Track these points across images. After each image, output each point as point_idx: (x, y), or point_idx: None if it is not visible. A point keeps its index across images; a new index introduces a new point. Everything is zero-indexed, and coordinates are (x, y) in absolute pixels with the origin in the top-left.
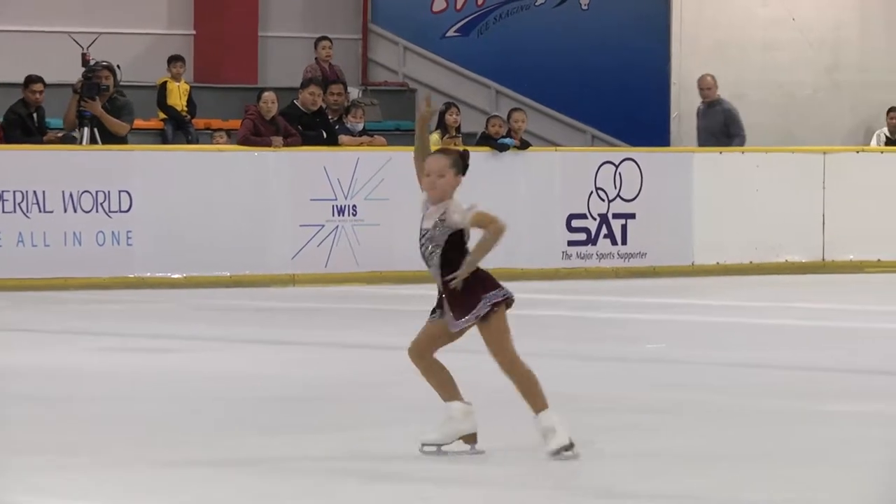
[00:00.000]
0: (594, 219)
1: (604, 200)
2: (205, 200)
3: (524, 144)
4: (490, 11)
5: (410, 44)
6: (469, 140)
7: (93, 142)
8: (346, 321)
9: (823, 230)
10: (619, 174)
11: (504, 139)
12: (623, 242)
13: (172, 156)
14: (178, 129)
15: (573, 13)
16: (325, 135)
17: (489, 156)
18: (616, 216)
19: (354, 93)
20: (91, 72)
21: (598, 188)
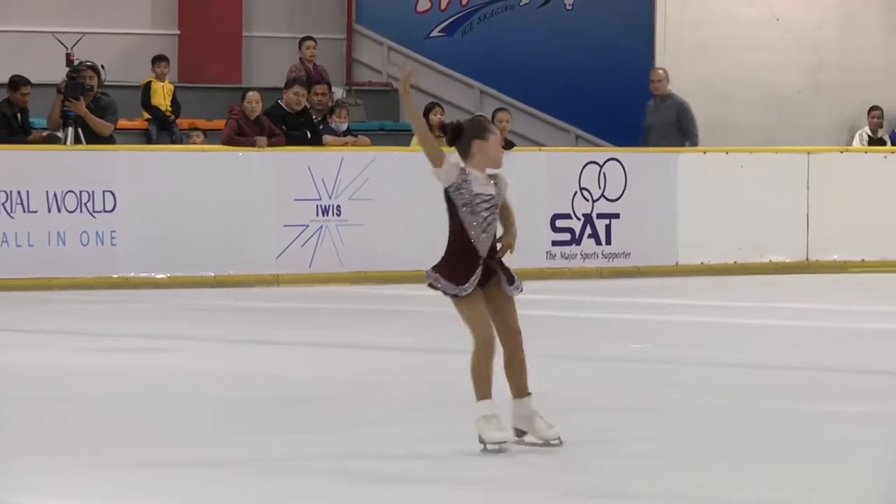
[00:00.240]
0: (578, 219)
1: (588, 200)
2: (189, 200)
3: (508, 144)
4: (474, 11)
5: (395, 44)
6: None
7: (77, 142)
8: (332, 321)
9: (807, 230)
10: (604, 174)
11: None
12: (607, 242)
13: (156, 156)
14: (163, 129)
15: (557, 13)
16: (310, 135)
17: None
18: (600, 216)
19: (339, 93)
20: (75, 72)
21: (583, 188)
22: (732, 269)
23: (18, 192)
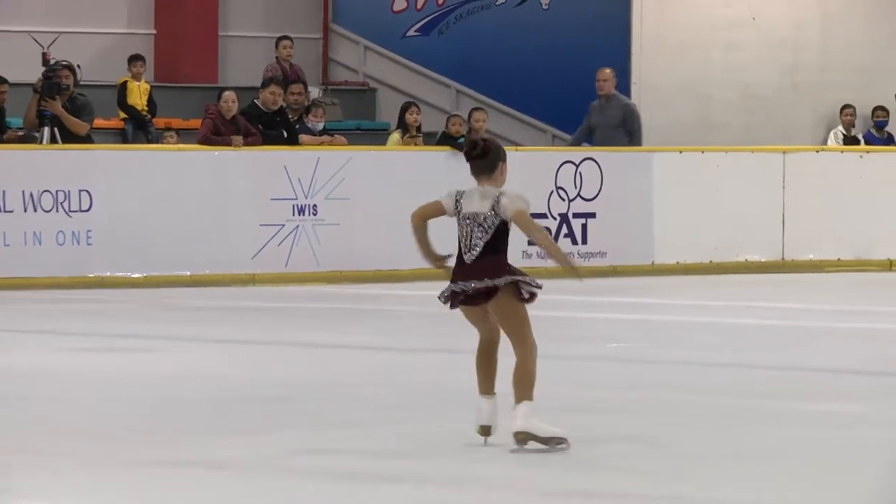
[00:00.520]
0: (554, 218)
1: (564, 200)
2: (165, 200)
3: None
4: (450, 11)
5: (371, 43)
6: (429, 139)
7: (53, 141)
8: (308, 321)
9: (783, 229)
10: (580, 174)
11: (464, 138)
12: (583, 242)
13: (132, 155)
14: (139, 129)
15: (534, 13)
16: (286, 134)
17: (449, 155)
18: (576, 216)
19: (315, 92)
20: (51, 71)
21: (559, 188)
22: (708, 269)
23: None
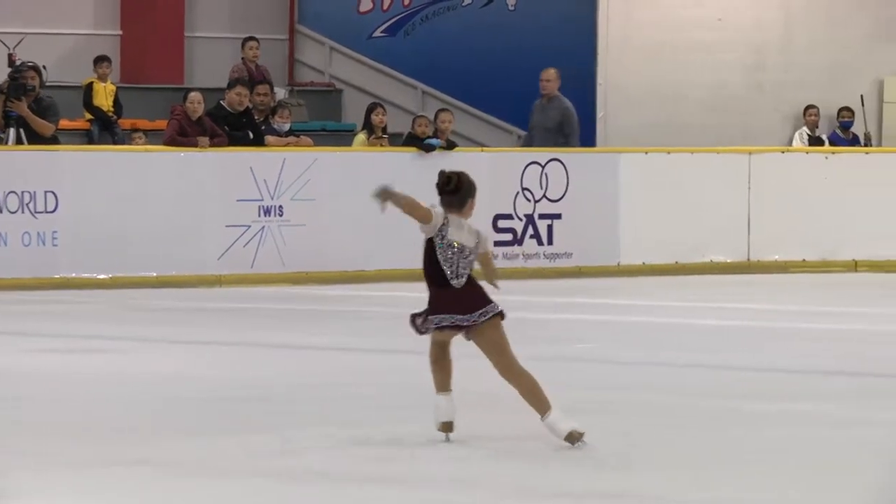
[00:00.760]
0: (520, 219)
1: (530, 201)
2: (131, 201)
3: (450, 145)
4: (417, 12)
5: (337, 44)
6: (395, 140)
7: (19, 142)
8: (273, 322)
9: (749, 230)
10: (546, 174)
11: (430, 139)
12: (549, 243)
13: (98, 156)
14: (105, 130)
15: (500, 14)
16: (252, 135)
17: (415, 156)
18: (542, 216)
19: (281, 93)
20: (17, 72)
21: (525, 188)
22: (674, 270)
23: None
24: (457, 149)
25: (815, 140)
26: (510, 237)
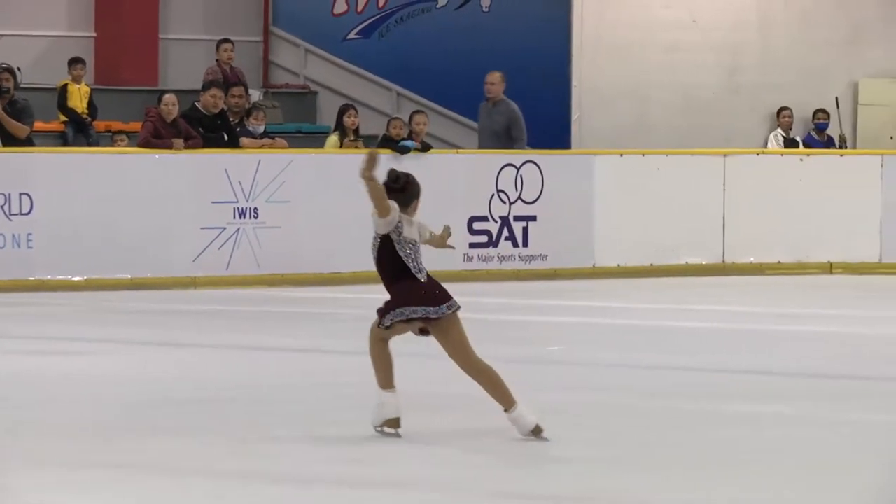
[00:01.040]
0: (495, 221)
1: (505, 203)
2: (105, 203)
3: (425, 147)
4: (391, 14)
5: (312, 46)
6: (370, 142)
7: None
8: (248, 324)
9: (724, 232)
10: (521, 176)
11: (405, 141)
12: (524, 245)
13: (73, 158)
14: (79, 132)
15: (474, 16)
16: (227, 137)
17: (390, 158)
18: (517, 218)
19: (255, 95)
20: None
21: (500, 190)
22: (649, 272)
23: None
24: (432, 151)
25: (791, 142)
26: (485, 239)
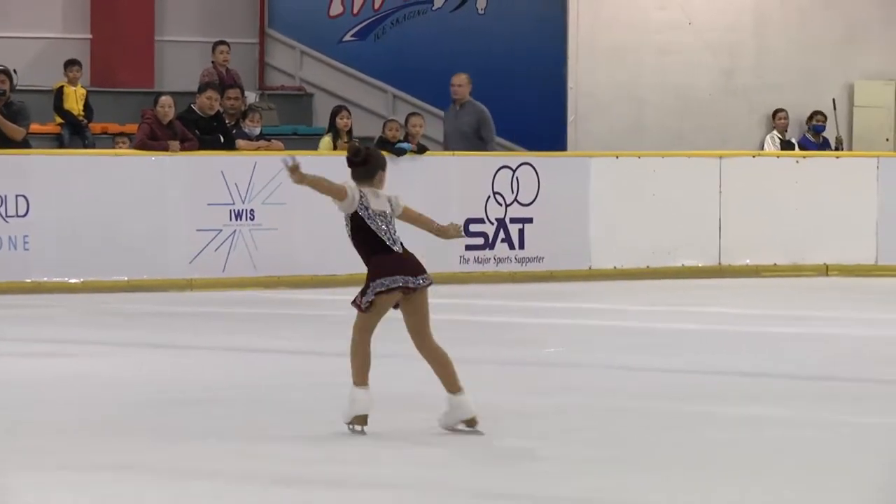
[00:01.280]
0: (492, 223)
1: (501, 205)
2: (102, 205)
3: (421, 149)
4: (387, 16)
5: (307, 48)
6: (365, 144)
7: None
8: (244, 325)
9: (720, 234)
10: (517, 178)
11: (401, 143)
12: (520, 247)
13: (69, 160)
14: (75, 134)
15: (470, 17)
16: (223, 139)
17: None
18: (513, 220)
19: (251, 97)
20: None
21: (496, 192)
22: (645, 274)
23: None
24: (428, 153)
25: (787, 144)
26: (482, 241)
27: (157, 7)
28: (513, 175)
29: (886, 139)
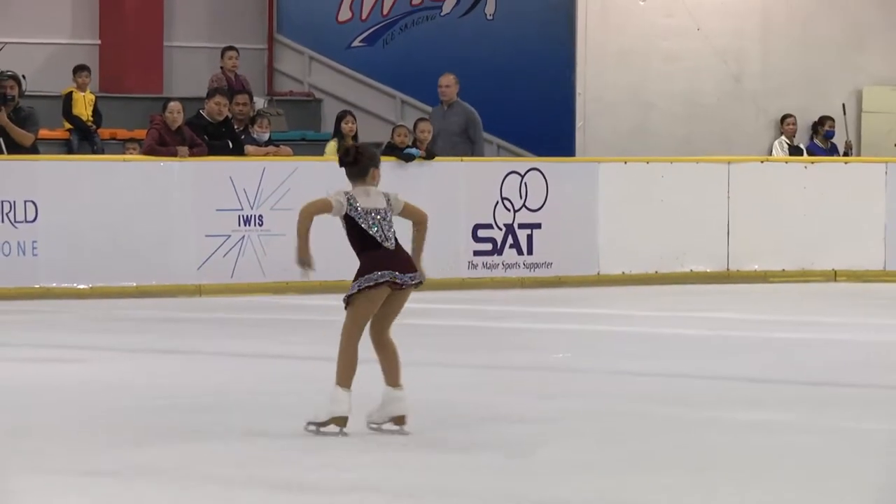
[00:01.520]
0: (500, 229)
1: (509, 210)
2: (110, 210)
3: (430, 154)
4: (395, 21)
5: (316, 54)
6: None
7: None
8: (253, 331)
9: (728, 240)
10: (525, 184)
11: (409, 149)
12: (529, 252)
13: (78, 166)
14: (84, 139)
15: (478, 23)
16: (231, 145)
17: (395, 165)
18: (522, 226)
19: (260, 103)
20: None
21: (504, 198)
22: (653, 279)
23: None
24: (436, 158)
25: (795, 150)
26: (490, 247)
27: (166, 13)
28: (521, 180)
29: (894, 145)
